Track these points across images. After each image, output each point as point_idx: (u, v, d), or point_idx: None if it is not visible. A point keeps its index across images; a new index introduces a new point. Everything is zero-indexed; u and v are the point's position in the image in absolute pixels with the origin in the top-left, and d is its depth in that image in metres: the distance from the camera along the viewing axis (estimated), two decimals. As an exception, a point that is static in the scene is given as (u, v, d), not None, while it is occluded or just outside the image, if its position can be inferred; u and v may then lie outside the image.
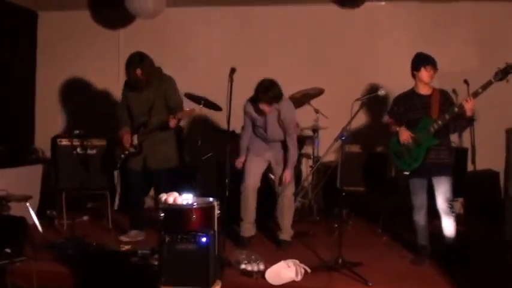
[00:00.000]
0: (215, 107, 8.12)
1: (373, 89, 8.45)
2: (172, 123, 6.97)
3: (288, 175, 7.01)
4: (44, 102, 9.89)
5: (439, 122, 6.19)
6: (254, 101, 6.99)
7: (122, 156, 7.21)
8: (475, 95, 6.01)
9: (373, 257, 6.66)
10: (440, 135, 6.28)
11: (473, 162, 7.98)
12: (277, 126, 7.07)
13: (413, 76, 6.46)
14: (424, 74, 6.34)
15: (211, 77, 8.65)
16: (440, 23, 9.15)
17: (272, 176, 7.34)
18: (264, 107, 6.88)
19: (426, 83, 6.38)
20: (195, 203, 5.44)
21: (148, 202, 8.37)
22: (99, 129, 8.58)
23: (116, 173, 8.65)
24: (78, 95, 9.58)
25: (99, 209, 8.39)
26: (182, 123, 8.18)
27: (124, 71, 7.17)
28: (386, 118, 6.76)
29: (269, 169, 7.36)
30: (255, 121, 7.17)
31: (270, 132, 7.11)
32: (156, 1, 8.77)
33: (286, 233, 7.19)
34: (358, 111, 6.39)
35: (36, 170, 8.31)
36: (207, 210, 5.45)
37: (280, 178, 7.09)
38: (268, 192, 7.33)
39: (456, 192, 6.49)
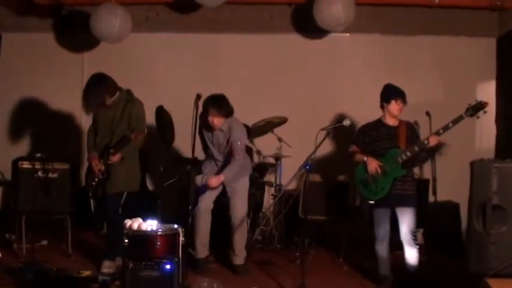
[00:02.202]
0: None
1: (336, 119, 8.52)
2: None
3: (215, 181, 7.03)
4: (5, 124, 9.75)
5: (408, 153, 6.26)
6: (203, 116, 7.07)
7: (93, 183, 6.98)
8: (445, 129, 6.13)
9: (335, 286, 6.72)
10: (407, 166, 6.37)
11: (434, 193, 8.06)
12: (225, 145, 7.15)
13: (382, 107, 6.54)
14: (394, 106, 6.43)
15: (175, 102, 8.64)
16: (402, 55, 9.31)
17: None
18: (212, 119, 6.97)
19: (395, 115, 6.47)
20: (159, 230, 5.42)
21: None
22: (61, 152, 8.51)
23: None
24: (40, 118, 9.45)
25: (58, 234, 8.21)
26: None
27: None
28: (352, 147, 6.79)
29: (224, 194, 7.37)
30: (206, 141, 7.27)
31: (216, 150, 7.22)
32: (122, 26, 8.74)
33: (239, 256, 7.21)
34: (323, 140, 6.44)
35: (-4, 192, 8.18)
36: (171, 237, 5.43)
37: (233, 205, 7.20)
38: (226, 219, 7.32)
39: (417, 222, 6.56)
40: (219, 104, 6.98)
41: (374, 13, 9.27)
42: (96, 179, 6.97)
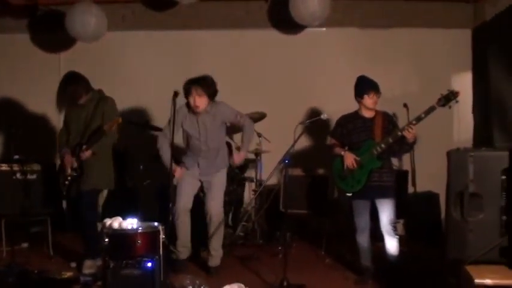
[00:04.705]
0: (157, 129, 8.09)
1: (314, 113, 8.54)
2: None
3: (240, 157, 7.09)
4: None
5: (382, 145, 6.29)
6: (187, 105, 6.91)
7: (66, 182, 6.97)
8: (418, 120, 6.14)
9: (317, 279, 6.71)
10: (383, 157, 6.39)
11: (414, 184, 8.10)
12: (213, 129, 6.93)
13: (357, 101, 6.56)
14: (368, 100, 6.45)
15: (153, 100, 8.64)
16: (379, 48, 9.33)
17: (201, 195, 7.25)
18: (194, 99, 6.74)
19: (370, 109, 6.50)
20: (140, 228, 5.41)
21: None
22: (39, 154, 8.45)
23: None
24: (16, 119, 9.38)
25: (39, 236, 8.14)
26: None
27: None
28: (329, 140, 6.83)
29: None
30: (188, 130, 7.00)
31: (204, 137, 6.94)
32: (97, 25, 8.72)
33: (215, 256, 7.01)
34: (301, 135, 6.49)
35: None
36: (152, 235, 5.42)
37: (208, 201, 7.01)
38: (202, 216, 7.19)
39: (397, 213, 6.59)
40: (199, 82, 6.75)
41: (350, 7, 9.31)
42: (69, 177, 6.95)
